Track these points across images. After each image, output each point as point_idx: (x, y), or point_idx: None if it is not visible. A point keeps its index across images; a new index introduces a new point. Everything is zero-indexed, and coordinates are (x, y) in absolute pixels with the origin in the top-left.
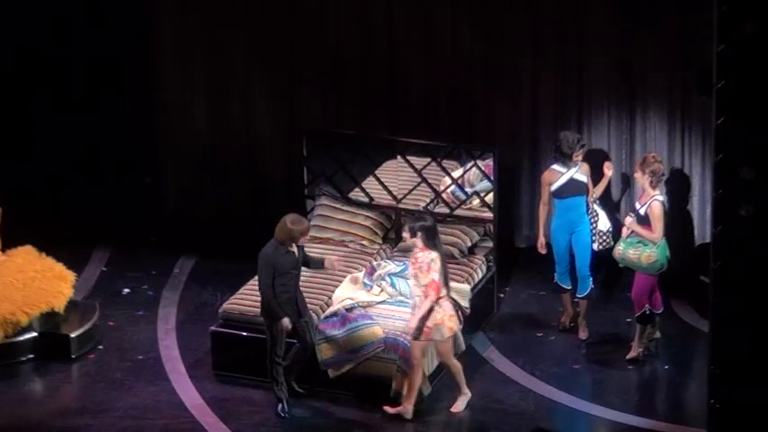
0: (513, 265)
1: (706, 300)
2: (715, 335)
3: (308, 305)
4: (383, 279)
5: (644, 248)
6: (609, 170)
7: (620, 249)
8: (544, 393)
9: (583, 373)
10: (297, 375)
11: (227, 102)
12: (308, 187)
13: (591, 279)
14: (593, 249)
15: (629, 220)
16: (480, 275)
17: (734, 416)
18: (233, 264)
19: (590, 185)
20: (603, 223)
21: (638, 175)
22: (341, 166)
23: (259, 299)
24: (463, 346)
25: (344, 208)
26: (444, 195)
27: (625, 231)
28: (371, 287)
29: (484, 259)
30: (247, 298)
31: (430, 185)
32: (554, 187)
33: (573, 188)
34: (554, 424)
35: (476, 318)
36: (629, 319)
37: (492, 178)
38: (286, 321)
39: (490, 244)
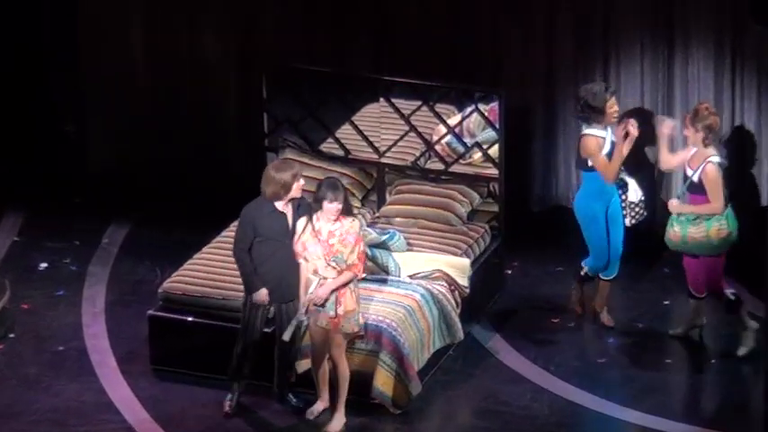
0: (523, 234)
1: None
2: None
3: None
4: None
5: (709, 223)
6: (634, 128)
7: (676, 231)
8: (561, 393)
9: (609, 368)
10: (286, 383)
11: (170, 32)
12: (269, 138)
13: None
14: (625, 225)
15: (676, 203)
16: (483, 247)
17: None
18: (175, 233)
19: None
20: (634, 193)
21: (688, 131)
22: (309, 111)
23: (207, 276)
24: (461, 335)
25: (314, 163)
26: (438, 148)
27: (674, 210)
28: None
29: (487, 227)
30: (193, 275)
31: (421, 135)
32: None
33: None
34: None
35: (477, 300)
36: (666, 302)
37: (497, 126)
38: (263, 293)
39: (495, 208)
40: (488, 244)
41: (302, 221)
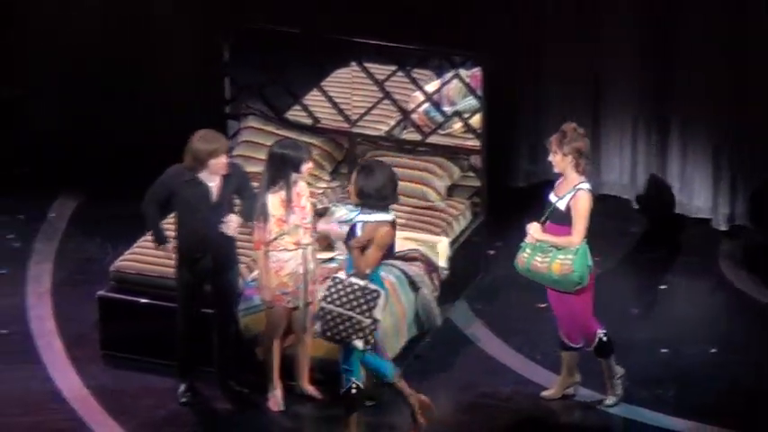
0: (508, 211)
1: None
2: None
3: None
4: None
5: (554, 255)
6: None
7: (524, 256)
8: (547, 385)
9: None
10: (230, 367)
11: None
12: (231, 104)
13: None
14: None
15: (535, 229)
16: (463, 225)
17: None
18: (128, 206)
19: None
20: None
21: (555, 156)
22: (275, 76)
23: (163, 254)
24: (439, 321)
25: (279, 132)
26: (415, 116)
27: (533, 237)
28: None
29: (468, 203)
30: (148, 253)
31: (395, 103)
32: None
33: None
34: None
35: (457, 283)
36: (663, 286)
37: (479, 94)
38: (165, 247)
39: (477, 183)
40: (469, 222)
41: (273, 201)
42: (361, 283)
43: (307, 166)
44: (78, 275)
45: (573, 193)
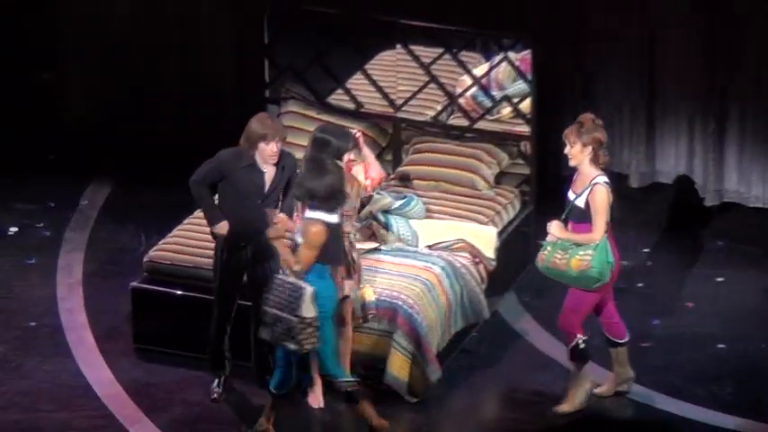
0: (558, 199)
1: None
2: None
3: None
4: (374, 218)
5: (574, 251)
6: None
7: (544, 253)
8: (600, 381)
9: (654, 352)
10: (267, 362)
11: None
12: (271, 88)
13: None
14: None
15: (556, 227)
16: (512, 215)
17: None
18: (163, 194)
19: None
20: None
21: (573, 148)
22: (316, 57)
23: (199, 244)
24: (486, 314)
25: (321, 117)
26: (462, 101)
27: (554, 236)
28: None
29: (517, 192)
30: (183, 242)
31: (442, 87)
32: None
33: None
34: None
35: (505, 274)
36: (720, 278)
37: (529, 78)
38: (222, 226)
39: (527, 170)
40: (518, 211)
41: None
42: (291, 279)
43: (348, 156)
44: (110, 266)
45: (590, 189)
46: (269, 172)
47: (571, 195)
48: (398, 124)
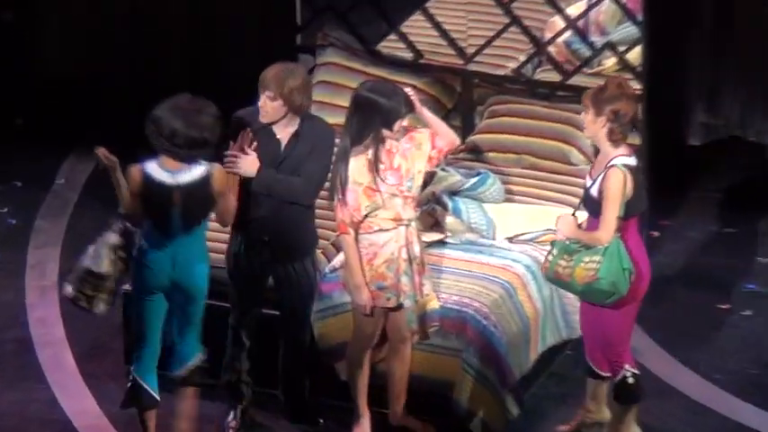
0: (677, 179)
1: None
2: None
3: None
4: (437, 202)
5: (580, 256)
6: None
7: (548, 259)
8: (729, 414)
9: None
10: (300, 388)
11: None
12: (304, 32)
13: None
14: None
15: (565, 222)
16: None
17: None
18: None
19: None
20: None
21: (587, 117)
22: None
23: (209, 235)
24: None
25: (368, 70)
26: (553, 50)
27: (560, 236)
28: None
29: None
30: None
31: (526, 31)
32: None
33: None
34: None
35: None
36: None
37: (640, 19)
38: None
39: (637, 140)
40: None
41: (357, 165)
42: None
43: (400, 123)
44: None
45: (604, 174)
46: (283, 136)
47: (588, 182)
48: (469, 79)
